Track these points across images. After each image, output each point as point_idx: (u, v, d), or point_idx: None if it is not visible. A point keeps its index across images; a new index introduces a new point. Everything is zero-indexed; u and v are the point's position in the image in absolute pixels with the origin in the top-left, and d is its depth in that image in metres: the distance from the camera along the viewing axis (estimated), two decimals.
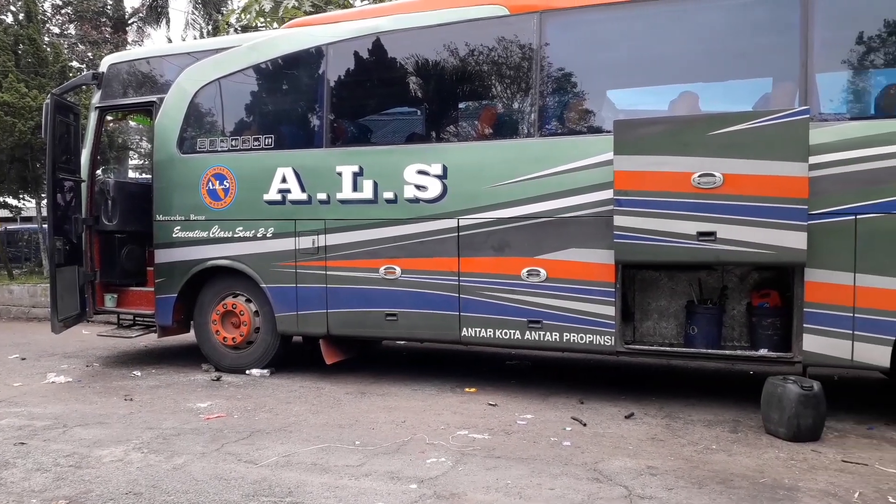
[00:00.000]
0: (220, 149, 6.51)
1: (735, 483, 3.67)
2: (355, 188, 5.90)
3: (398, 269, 5.78)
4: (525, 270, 5.40)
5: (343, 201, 5.96)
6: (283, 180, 6.17)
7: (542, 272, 5.36)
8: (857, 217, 4.55)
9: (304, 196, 6.10)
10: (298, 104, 6.51)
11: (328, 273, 6.02)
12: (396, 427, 4.75)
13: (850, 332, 4.60)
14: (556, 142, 5.43)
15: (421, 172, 5.68)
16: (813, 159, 4.53)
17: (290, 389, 5.93)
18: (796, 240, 4.51)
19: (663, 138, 4.80)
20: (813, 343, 4.70)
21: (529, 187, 5.35)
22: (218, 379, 6.33)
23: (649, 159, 4.79)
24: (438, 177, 5.63)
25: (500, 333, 5.51)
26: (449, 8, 5.67)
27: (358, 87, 6.29)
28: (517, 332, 5.46)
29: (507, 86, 5.77)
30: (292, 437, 4.54)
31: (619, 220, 4.91)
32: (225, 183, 6.40)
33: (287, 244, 6.17)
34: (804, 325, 4.70)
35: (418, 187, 5.70)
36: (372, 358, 7.34)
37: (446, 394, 5.70)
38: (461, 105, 6.22)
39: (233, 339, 6.54)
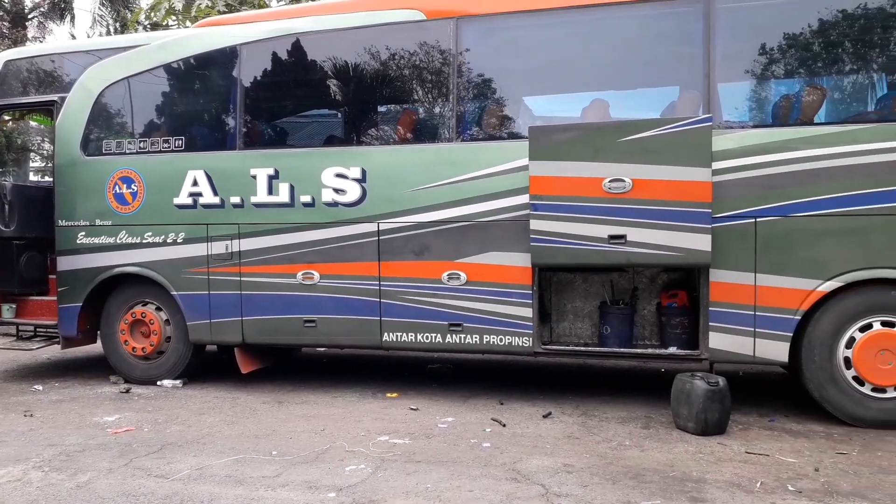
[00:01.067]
0: (127, 151, 6.24)
1: (647, 477, 3.79)
2: (271, 191, 5.77)
3: (316, 275, 5.69)
4: (446, 274, 5.43)
5: (258, 205, 5.82)
6: (195, 183, 5.97)
7: (463, 276, 5.40)
8: (757, 220, 4.80)
9: (216, 200, 5.92)
10: (211, 105, 6.32)
11: (243, 279, 5.86)
12: (315, 435, 4.67)
13: (752, 329, 4.84)
14: (475, 147, 5.49)
15: (339, 176, 5.62)
16: (716, 165, 4.75)
17: (204, 400, 5.74)
18: (701, 242, 4.72)
19: (576, 144, 4.93)
20: (718, 340, 4.92)
21: (449, 191, 5.38)
22: (127, 391, 6.05)
23: (563, 165, 4.91)
24: (357, 180, 5.58)
25: (422, 337, 5.52)
26: (366, 11, 5.65)
27: (273, 89, 6.17)
28: (438, 335, 5.48)
29: (425, 90, 5.79)
30: (206, 450, 4.39)
31: (534, 224, 5.01)
32: (133, 186, 6.14)
33: (199, 250, 5.97)
34: (710, 324, 4.92)
35: (337, 191, 5.63)
36: (291, 366, 7.20)
37: (367, 400, 5.65)
38: (380, 108, 6.21)
39: (142, 349, 6.27)
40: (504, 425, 4.83)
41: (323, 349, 7.87)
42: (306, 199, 5.70)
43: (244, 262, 5.86)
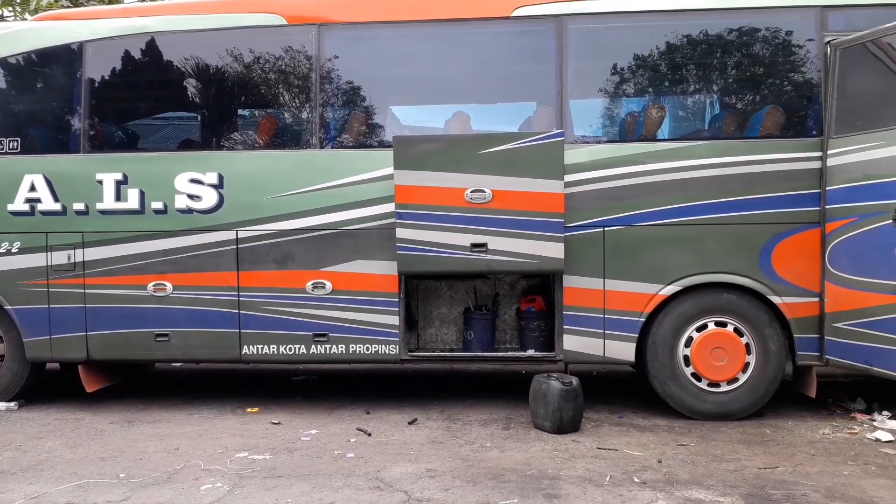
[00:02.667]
0: None
1: (506, 477, 3.91)
2: (118, 198, 5.42)
3: (169, 286, 5.40)
4: (310, 283, 5.34)
5: (104, 212, 5.44)
6: (32, 188, 5.48)
7: (328, 285, 5.33)
8: (605, 229, 5.11)
9: (57, 206, 5.48)
10: (51, 105, 5.83)
11: (87, 291, 5.45)
12: (168, 455, 4.43)
13: (602, 331, 5.14)
14: (339, 154, 5.45)
15: (194, 181, 5.37)
16: (568, 177, 5.00)
17: (44, 423, 5.28)
18: (555, 250, 4.96)
19: (439, 155, 5.02)
20: (572, 342, 5.18)
21: (313, 199, 5.30)
22: None
23: (427, 175, 4.99)
24: (214, 186, 5.37)
25: (285, 349, 5.38)
26: (225, 13, 5.46)
27: (123, 90, 5.81)
28: (302, 346, 5.37)
29: (287, 96, 5.69)
30: (43, 476, 4.04)
31: (400, 233, 5.05)
32: None
33: (37, 260, 5.49)
34: (564, 327, 5.17)
35: (191, 197, 5.38)
36: (142, 383, 6.77)
37: (226, 416, 5.43)
38: (240, 113, 6.00)
39: None
40: (369, 434, 4.81)
41: (178, 364, 7.47)
42: (158, 205, 5.40)
43: (89, 272, 5.45)
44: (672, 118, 5.63)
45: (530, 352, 5.43)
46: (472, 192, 4.98)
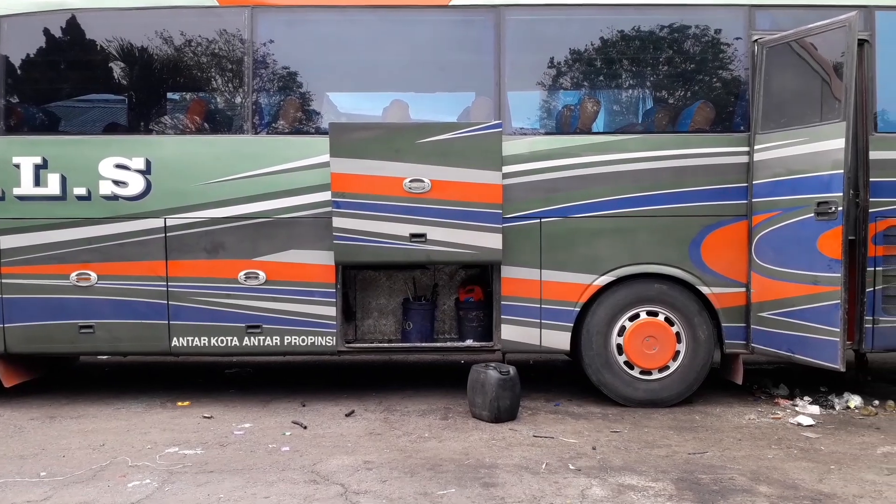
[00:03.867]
0: None
1: (444, 467, 3.92)
2: (37, 183, 5.13)
3: (93, 275, 5.16)
4: (242, 273, 5.19)
5: (22, 198, 5.14)
6: None
7: (262, 275, 5.20)
8: (542, 220, 5.16)
9: None
10: None
11: (4, 281, 5.14)
12: (93, 452, 4.25)
13: (539, 321, 5.20)
14: (274, 140, 5.32)
15: (120, 167, 5.14)
16: (506, 168, 5.03)
17: None
18: (493, 241, 4.98)
19: (376, 143, 4.96)
20: (509, 332, 5.22)
21: (246, 186, 5.15)
22: None
23: (364, 163, 4.92)
24: (141, 172, 5.15)
25: (216, 341, 5.23)
26: None
27: (43, 69, 5.48)
28: (235, 338, 5.23)
29: (220, 80, 5.50)
30: None
31: (337, 222, 4.97)
32: None
33: None
34: (502, 317, 5.21)
35: (117, 183, 5.15)
36: (66, 376, 6.48)
37: (156, 410, 5.25)
38: (169, 96, 5.78)
39: None
40: (305, 427, 4.74)
41: (105, 357, 7.18)
42: (81, 191, 5.14)
43: (6, 261, 5.15)
44: (607, 112, 5.74)
45: (469, 342, 5.45)
46: (410, 181, 4.94)
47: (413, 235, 4.98)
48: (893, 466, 3.95)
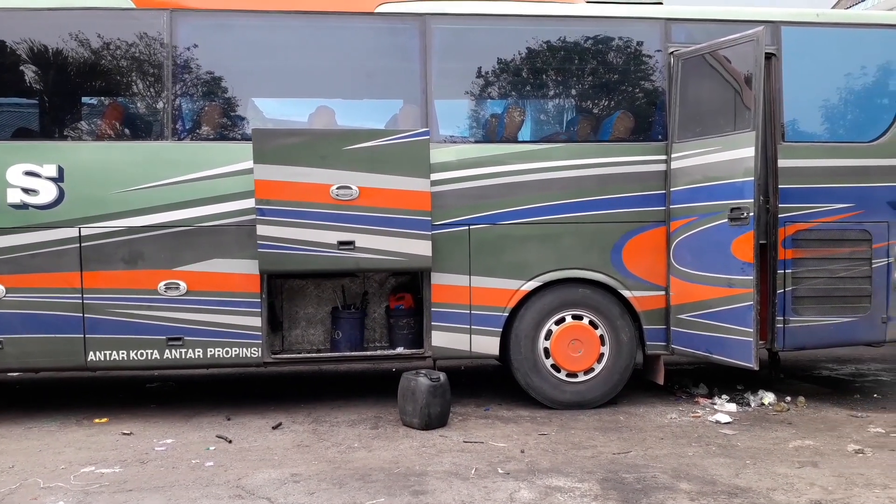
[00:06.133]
0: None
1: (373, 477, 3.88)
2: None
3: (2, 288, 4.88)
4: (162, 284, 5.02)
5: None
6: None
7: (182, 285, 5.04)
8: (471, 227, 5.21)
9: None
10: None
11: None
12: (2, 474, 4.02)
13: (468, 326, 5.24)
14: (195, 146, 5.17)
15: (30, 174, 4.89)
16: (435, 176, 5.05)
17: None
18: (422, 247, 4.99)
19: (302, 150, 4.89)
20: (440, 338, 5.23)
21: (165, 193, 4.99)
22: None
23: (289, 170, 4.84)
24: (53, 179, 4.91)
25: (136, 354, 5.03)
26: None
27: None
28: (155, 351, 5.04)
29: (139, 84, 5.31)
30: None
31: (261, 230, 4.87)
32: None
33: None
34: (432, 323, 5.22)
35: (26, 191, 4.89)
36: None
37: (71, 428, 5.00)
38: (84, 101, 5.54)
39: None
40: (230, 441, 4.61)
41: (15, 374, 6.79)
42: None
43: None
44: (532, 121, 5.86)
45: (399, 349, 5.43)
46: (337, 188, 4.90)
47: (341, 243, 4.93)
48: (804, 459, 4.15)
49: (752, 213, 4.73)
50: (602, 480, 3.80)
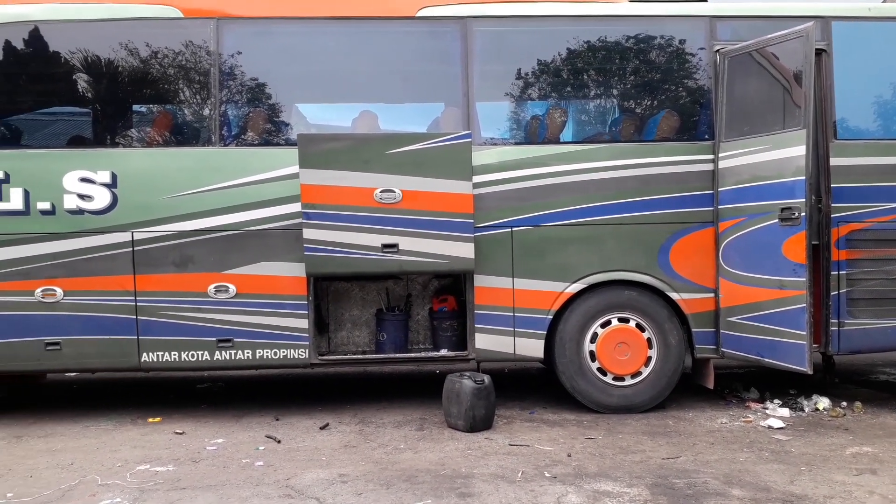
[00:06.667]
0: None
1: (419, 478, 3.90)
2: (0, 198, 5.03)
3: (59, 291, 5.06)
4: (212, 287, 5.13)
5: None
6: None
7: (232, 288, 5.14)
8: (513, 229, 5.20)
9: None
10: None
11: None
12: (62, 471, 4.15)
13: (512, 329, 5.22)
14: (242, 152, 5.29)
15: (85, 180, 5.06)
16: (477, 178, 5.05)
17: None
18: (465, 250, 4.99)
19: (346, 154, 4.95)
20: (483, 341, 5.23)
21: (214, 199, 5.10)
22: None
23: (334, 174, 4.90)
24: (107, 185, 5.07)
25: (187, 356, 5.15)
26: (115, 3, 5.17)
27: (5, 82, 5.37)
28: (206, 352, 5.16)
29: (186, 91, 5.45)
30: None
31: (308, 234, 4.94)
32: None
33: None
34: (476, 326, 5.22)
35: (82, 197, 5.06)
36: (32, 395, 6.33)
37: (126, 427, 5.15)
38: (135, 109, 5.71)
39: None
40: (279, 441, 4.68)
41: (72, 374, 7.03)
42: (45, 206, 5.05)
43: None
44: (574, 122, 5.81)
45: (443, 351, 5.44)
46: (381, 192, 4.94)
47: (385, 246, 4.97)
48: (862, 467, 4.03)
49: (803, 213, 4.62)
50: (651, 486, 3.75)
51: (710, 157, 5.23)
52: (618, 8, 5.40)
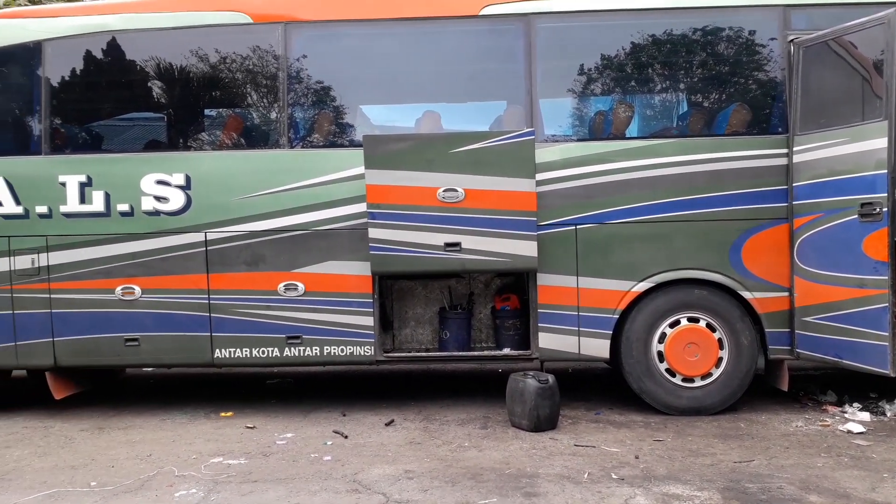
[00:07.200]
0: None
1: (484, 477, 3.91)
2: (83, 200, 5.29)
3: (138, 289, 5.29)
4: (282, 285, 5.27)
5: (68, 215, 5.31)
6: None
7: (300, 286, 5.27)
8: (577, 227, 5.14)
9: (18, 209, 5.33)
10: (9, 105, 5.65)
11: (53, 296, 5.32)
12: (141, 462, 4.34)
13: (577, 328, 5.17)
14: (309, 154, 5.39)
15: (161, 183, 5.27)
16: (540, 176, 5.02)
17: (11, 431, 5.15)
18: (528, 248, 4.96)
19: (409, 154, 4.99)
20: (547, 340, 5.19)
21: (283, 199, 5.24)
22: None
23: (398, 174, 4.95)
24: (181, 187, 5.27)
25: (258, 352, 5.31)
26: (187, 11, 5.36)
27: (85, 90, 5.66)
28: (276, 349, 5.30)
29: (255, 95, 5.61)
30: (11, 486, 3.95)
31: (373, 233, 5.01)
32: None
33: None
34: (539, 325, 5.19)
35: (158, 199, 5.28)
36: (113, 389, 6.64)
37: (199, 421, 5.34)
38: (207, 112, 5.92)
39: None
40: (346, 437, 4.77)
41: (149, 369, 7.34)
42: (124, 207, 5.29)
43: (54, 277, 5.32)
44: (640, 116, 5.69)
45: (506, 350, 5.43)
46: (444, 191, 4.96)
47: (447, 244, 5.00)
48: None
49: (885, 209, 4.40)
50: (723, 490, 3.65)
51: (784, 151, 5.04)
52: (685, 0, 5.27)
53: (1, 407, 5.77)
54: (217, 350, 5.31)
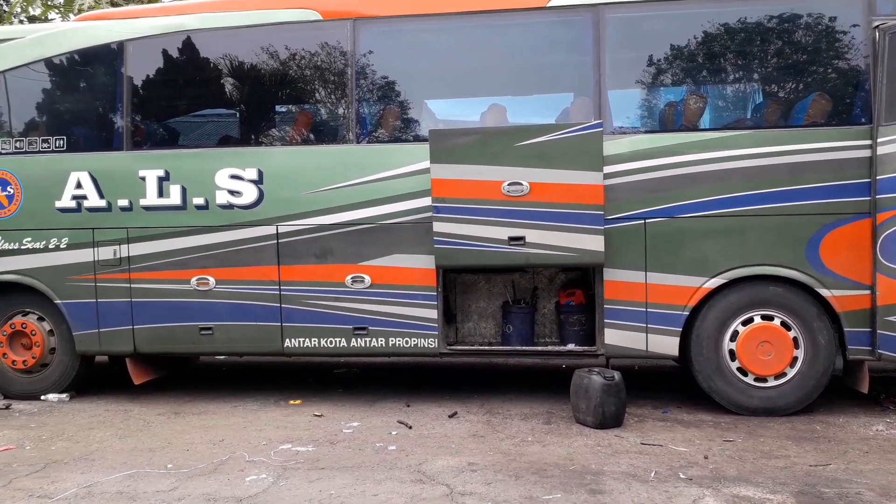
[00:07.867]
0: (2, 151, 5.80)
1: (548, 472, 3.89)
2: (161, 194, 5.52)
3: (212, 280, 5.49)
4: (349, 277, 5.37)
5: (148, 208, 5.55)
6: (78, 185, 5.62)
7: (367, 278, 5.35)
8: (646, 221, 5.03)
9: (102, 203, 5.61)
10: (94, 103, 5.97)
11: (133, 286, 5.58)
12: (214, 446, 4.51)
13: (644, 325, 5.07)
14: (375, 149, 5.47)
15: (234, 177, 5.45)
16: (607, 169, 4.94)
17: (94, 414, 5.42)
18: (595, 242, 4.90)
19: (475, 148, 5.00)
20: (613, 336, 5.11)
21: (350, 194, 5.33)
22: (7, 407, 5.66)
23: (463, 168, 4.97)
24: (254, 182, 5.43)
25: (326, 342, 5.43)
26: (259, 10, 5.51)
27: (163, 87, 5.89)
28: (343, 339, 5.41)
29: (323, 91, 5.72)
30: (95, 466, 4.16)
31: (437, 227, 5.04)
32: (8, 189, 5.72)
33: (85, 255, 5.63)
34: (605, 321, 5.11)
35: (232, 192, 5.45)
36: (188, 375, 6.91)
37: (269, 408, 5.50)
38: (278, 108, 6.07)
39: (23, 362, 5.84)
40: (410, 427, 4.83)
41: (222, 357, 7.60)
42: (199, 201, 5.49)
43: (134, 267, 5.58)
44: (713, 107, 5.52)
45: (570, 346, 5.38)
46: (509, 184, 4.94)
47: (512, 238, 4.98)
48: None
49: None
50: (797, 493, 3.52)
51: (868, 142, 4.80)
52: None
53: (85, 391, 6.09)
54: (287, 339, 5.46)
